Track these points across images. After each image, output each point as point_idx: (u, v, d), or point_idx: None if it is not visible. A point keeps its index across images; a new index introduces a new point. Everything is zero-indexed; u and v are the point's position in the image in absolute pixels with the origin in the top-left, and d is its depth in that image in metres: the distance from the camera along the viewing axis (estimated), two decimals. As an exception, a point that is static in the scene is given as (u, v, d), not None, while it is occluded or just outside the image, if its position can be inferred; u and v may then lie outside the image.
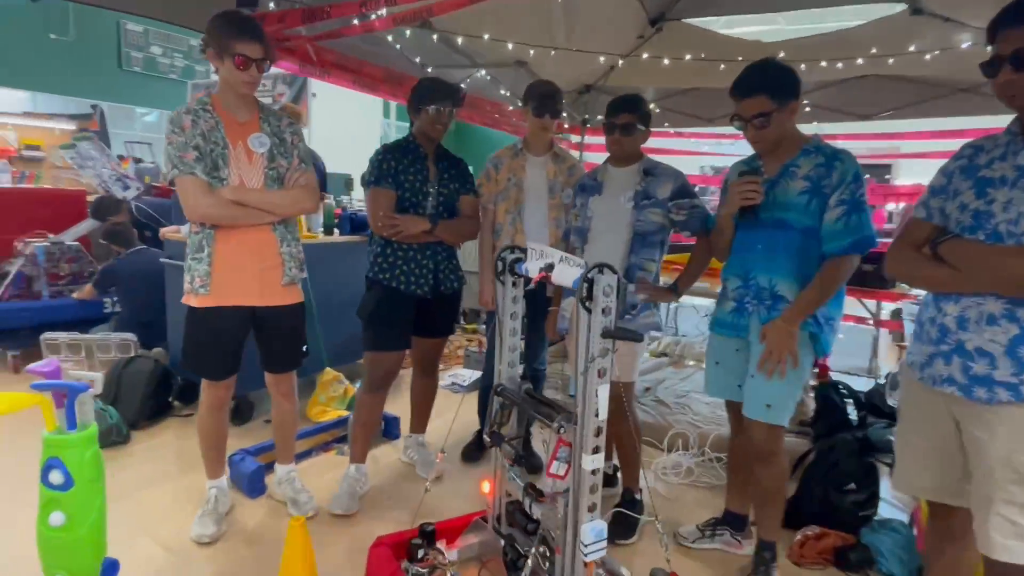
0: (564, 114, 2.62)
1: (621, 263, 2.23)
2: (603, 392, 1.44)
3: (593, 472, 1.48)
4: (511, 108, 3.92)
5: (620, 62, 3.74)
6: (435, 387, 2.79)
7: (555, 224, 2.64)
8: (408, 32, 2.68)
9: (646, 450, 3.06)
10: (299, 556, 1.72)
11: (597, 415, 1.45)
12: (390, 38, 2.69)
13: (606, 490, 2.70)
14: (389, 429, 3.05)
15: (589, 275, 1.40)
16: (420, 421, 2.81)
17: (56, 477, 1.71)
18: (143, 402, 3.05)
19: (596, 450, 1.47)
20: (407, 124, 2.53)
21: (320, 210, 2.32)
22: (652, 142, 2.57)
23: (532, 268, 1.66)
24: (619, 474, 2.50)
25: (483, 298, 2.78)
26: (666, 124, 4.86)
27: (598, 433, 1.46)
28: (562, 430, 1.52)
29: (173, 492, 2.45)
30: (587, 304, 1.42)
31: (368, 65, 2.79)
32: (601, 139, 2.46)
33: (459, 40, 2.96)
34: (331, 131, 2.08)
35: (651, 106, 4.27)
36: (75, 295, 3.88)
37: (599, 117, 4.79)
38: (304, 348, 2.32)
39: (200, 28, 2.01)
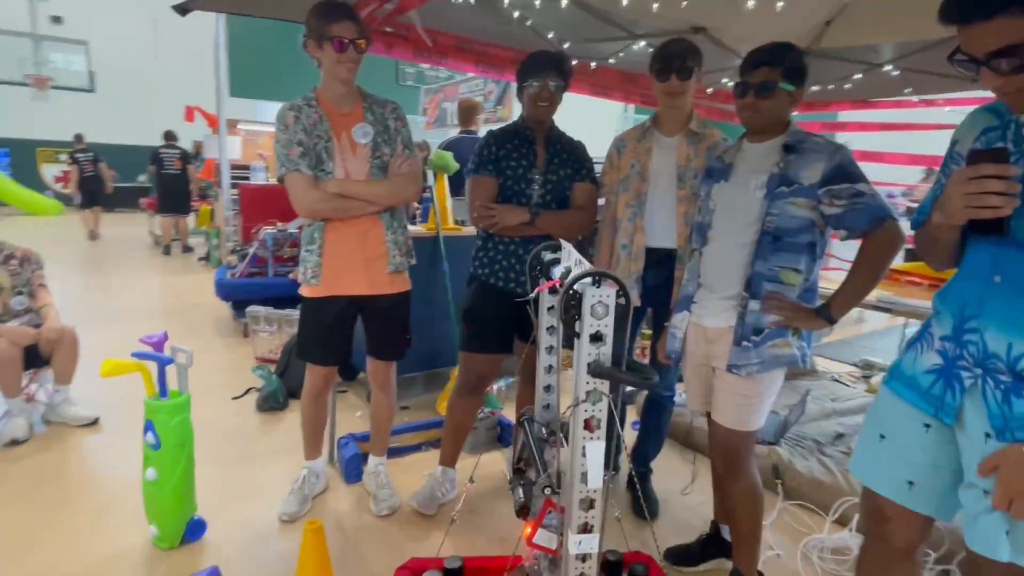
0: (698, 74, 2.06)
1: (741, 271, 1.66)
2: (594, 452, 1.03)
3: (582, 559, 1.07)
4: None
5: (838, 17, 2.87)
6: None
7: (684, 220, 2.12)
8: (538, 2, 2.41)
9: (805, 518, 2.33)
10: (311, 561, 1.64)
11: (586, 482, 1.04)
12: (517, 14, 2.45)
13: (717, 562, 2.18)
14: (504, 436, 2.86)
15: (575, 286, 1.00)
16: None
17: (150, 438, 1.91)
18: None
19: (586, 528, 1.06)
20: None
21: (417, 197, 2.23)
22: (888, 114, 1.84)
23: (557, 274, 1.29)
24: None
25: None
26: (907, 91, 3.65)
27: (589, 506, 1.05)
28: (548, 491, 1.14)
29: (296, 464, 2.62)
30: (573, 326, 1.02)
31: (492, 46, 2.60)
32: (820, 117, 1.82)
33: (622, 2, 2.53)
34: (565, 126, 2.00)
35: (888, 67, 3.28)
36: (291, 275, 4.52)
37: (814, 88, 3.89)
38: (408, 339, 2.27)
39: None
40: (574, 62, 2.58)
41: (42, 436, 2.80)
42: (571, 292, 0.99)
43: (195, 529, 2.04)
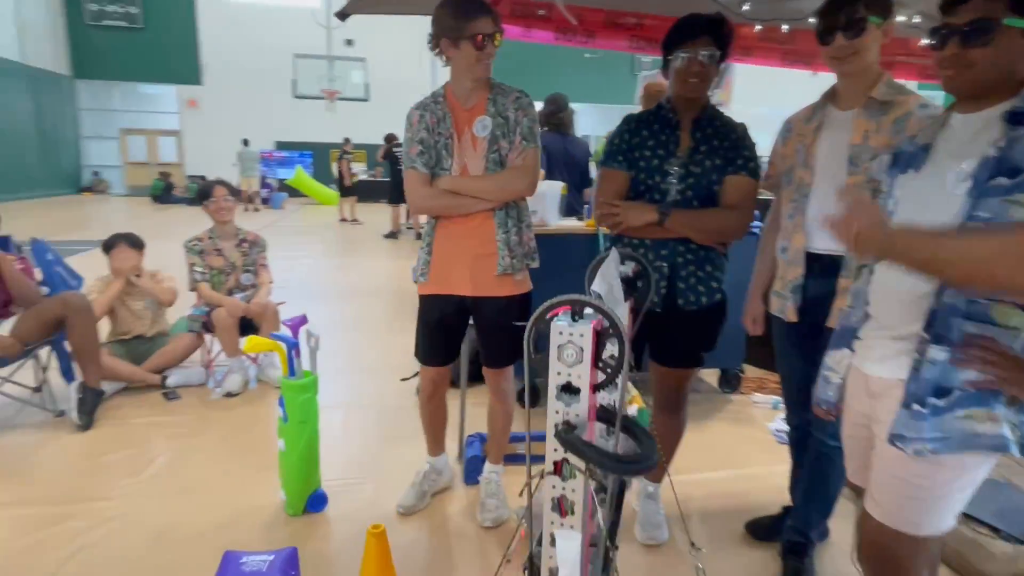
0: (880, 25, 1.49)
1: (923, 302, 1.14)
2: (567, 544, 0.76)
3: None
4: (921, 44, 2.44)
5: None
6: (680, 431, 2.12)
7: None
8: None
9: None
10: (371, 567, 1.60)
11: (557, 579, 0.77)
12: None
13: None
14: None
15: (549, 315, 0.74)
16: (658, 468, 2.20)
17: (280, 412, 2.09)
18: (468, 365, 3.44)
19: (558, 640, 0.79)
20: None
21: (529, 193, 2.02)
22: None
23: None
24: None
25: (745, 316, 1.98)
26: None
27: (562, 612, 0.78)
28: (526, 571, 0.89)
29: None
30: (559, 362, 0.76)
31: (649, 17, 2.23)
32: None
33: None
34: (759, 109, 1.76)
35: None
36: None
37: None
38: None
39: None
40: (757, 27, 2.12)
41: (252, 392, 3.32)
42: (539, 327, 0.73)
43: (316, 502, 2.18)
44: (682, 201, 1.82)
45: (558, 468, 0.74)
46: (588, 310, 0.76)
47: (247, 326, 3.32)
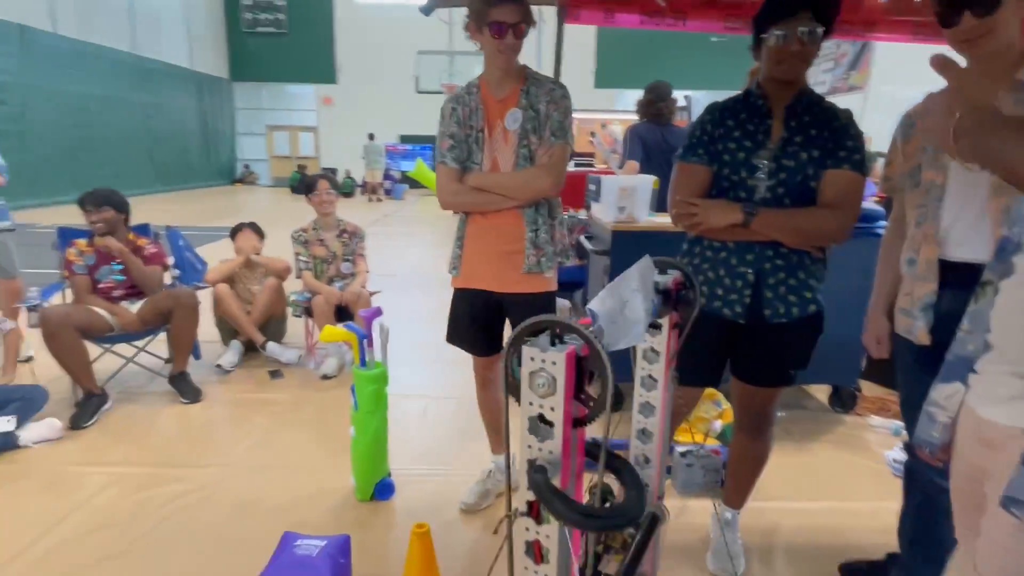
0: None
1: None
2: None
3: None
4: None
5: None
6: (762, 456, 1.90)
7: (1007, 217, 1.27)
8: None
9: None
10: (414, 566, 1.59)
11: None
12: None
13: None
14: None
15: (528, 337, 0.65)
16: (735, 492, 1.99)
17: (352, 399, 2.16)
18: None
19: None
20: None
21: (554, 192, 1.91)
22: None
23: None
24: None
25: (867, 336, 1.72)
26: None
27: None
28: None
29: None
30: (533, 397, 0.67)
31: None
32: None
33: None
34: (908, 90, 1.58)
35: None
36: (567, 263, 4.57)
37: None
38: None
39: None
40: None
41: (348, 376, 3.49)
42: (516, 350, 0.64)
43: (383, 490, 2.23)
44: (772, 199, 1.61)
45: (534, 509, 0.65)
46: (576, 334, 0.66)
47: (343, 313, 3.49)
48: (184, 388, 3.08)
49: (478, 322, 2.08)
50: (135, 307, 3.08)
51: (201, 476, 2.37)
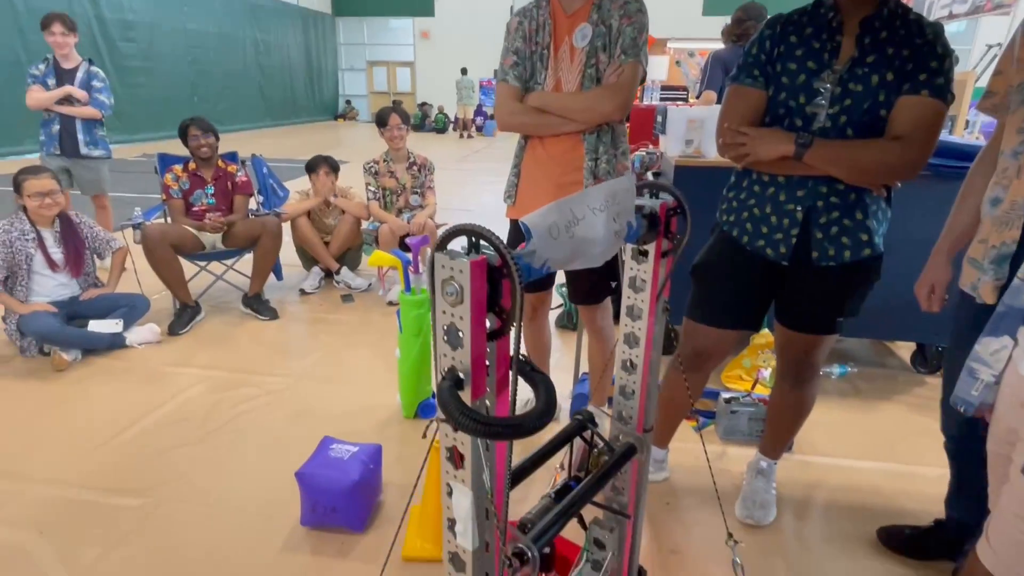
0: None
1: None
2: (460, 497, 0.69)
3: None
4: None
5: None
6: (801, 407, 1.80)
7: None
8: None
9: None
10: (433, 478, 1.68)
11: (454, 533, 0.72)
12: None
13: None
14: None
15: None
16: (772, 442, 1.91)
17: (397, 323, 2.26)
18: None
19: (459, 592, 0.75)
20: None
21: (618, 115, 1.75)
22: None
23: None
24: None
25: (921, 283, 1.56)
26: None
27: (459, 568, 0.73)
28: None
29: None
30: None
31: None
32: None
33: None
34: None
35: None
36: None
37: None
38: (609, 284, 1.98)
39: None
40: None
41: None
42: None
43: (425, 409, 2.35)
44: (832, 129, 1.45)
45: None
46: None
47: (403, 244, 3.60)
48: (259, 308, 3.34)
49: None
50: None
51: (270, 383, 2.61)
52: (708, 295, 1.73)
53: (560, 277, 2.14)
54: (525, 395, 2.33)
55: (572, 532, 1.10)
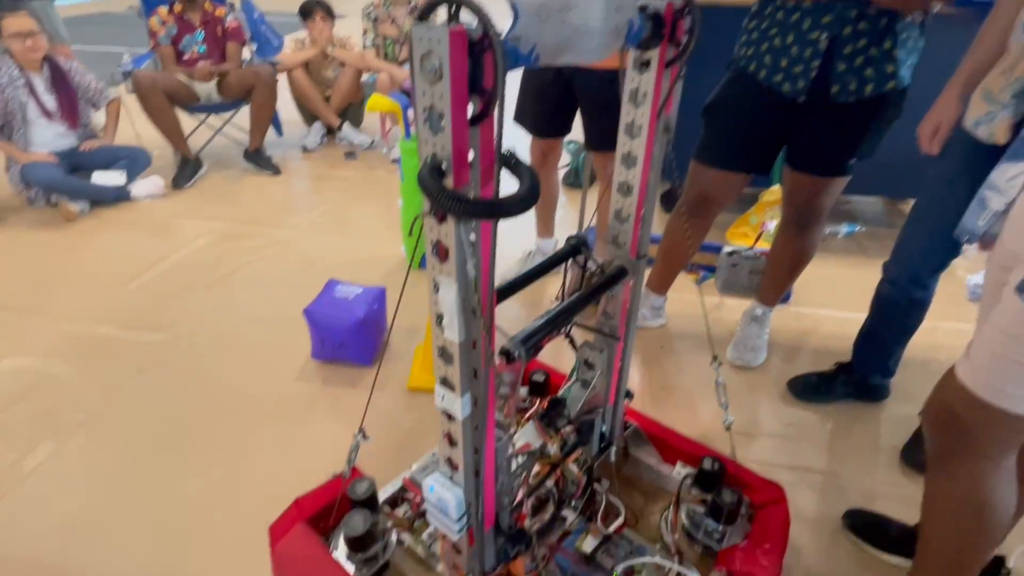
0: None
1: None
2: (446, 290, 0.71)
3: (447, 416, 0.83)
4: None
5: None
6: (802, 254, 1.80)
7: None
8: None
9: None
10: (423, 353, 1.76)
11: (440, 326, 0.75)
12: None
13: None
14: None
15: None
16: (769, 289, 1.93)
17: (399, 171, 2.22)
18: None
19: (446, 382, 0.80)
20: None
21: None
22: None
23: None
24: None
25: (926, 121, 1.44)
26: None
27: (447, 360, 0.77)
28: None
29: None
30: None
31: None
32: None
33: None
34: None
35: None
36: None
37: None
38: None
39: None
40: None
41: (417, 162, 3.57)
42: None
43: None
44: (868, -59, 1.30)
45: (439, 212, 0.66)
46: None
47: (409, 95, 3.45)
48: (260, 162, 3.29)
49: (544, 99, 1.99)
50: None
51: (277, 234, 2.64)
52: (718, 135, 1.66)
53: (576, 131, 2.06)
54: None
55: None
